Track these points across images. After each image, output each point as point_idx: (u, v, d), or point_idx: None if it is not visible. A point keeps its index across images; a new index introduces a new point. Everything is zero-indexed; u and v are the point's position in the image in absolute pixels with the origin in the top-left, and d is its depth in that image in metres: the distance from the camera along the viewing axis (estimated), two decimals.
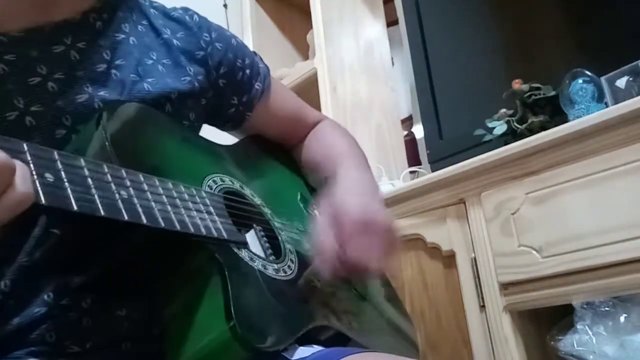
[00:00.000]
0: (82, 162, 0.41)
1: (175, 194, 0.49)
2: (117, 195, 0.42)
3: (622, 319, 0.89)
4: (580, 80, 1.05)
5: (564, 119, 1.04)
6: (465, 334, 1.08)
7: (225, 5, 1.94)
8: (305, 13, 1.90)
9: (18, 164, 0.35)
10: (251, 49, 0.79)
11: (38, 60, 0.54)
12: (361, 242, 0.56)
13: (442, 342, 1.13)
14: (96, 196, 0.40)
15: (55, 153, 0.39)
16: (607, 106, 0.99)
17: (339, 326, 0.59)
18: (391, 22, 1.98)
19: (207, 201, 0.53)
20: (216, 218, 0.52)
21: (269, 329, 0.48)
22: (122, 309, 0.52)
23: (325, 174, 0.71)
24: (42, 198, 0.36)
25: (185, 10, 0.72)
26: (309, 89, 1.70)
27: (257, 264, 0.54)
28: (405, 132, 1.87)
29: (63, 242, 0.49)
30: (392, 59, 1.92)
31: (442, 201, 1.15)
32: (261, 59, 0.80)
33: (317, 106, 1.61)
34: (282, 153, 0.81)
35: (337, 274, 0.56)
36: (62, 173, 0.38)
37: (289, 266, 0.59)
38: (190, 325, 0.47)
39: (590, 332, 0.90)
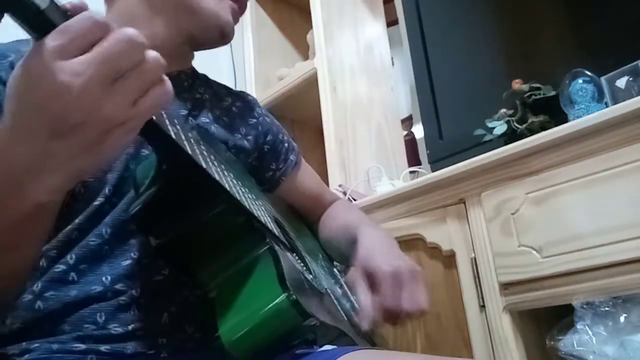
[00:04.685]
0: (188, 134, 0.50)
1: (243, 190, 0.58)
2: (209, 162, 0.51)
3: (622, 319, 0.89)
4: (580, 80, 1.05)
5: (564, 119, 1.04)
6: (465, 334, 1.08)
7: None
8: (305, 13, 1.91)
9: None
10: (251, 49, 0.90)
11: None
12: (395, 291, 0.64)
13: (442, 342, 1.13)
14: (198, 153, 0.48)
15: (174, 118, 0.48)
16: (607, 106, 0.99)
17: (358, 341, 0.65)
18: (391, 22, 1.98)
19: (263, 209, 0.62)
20: (270, 220, 0.60)
21: (311, 304, 0.53)
22: (163, 302, 0.59)
23: (347, 243, 0.79)
24: (173, 135, 0.44)
25: (243, 92, 0.90)
26: (309, 89, 1.70)
27: (298, 267, 0.60)
28: (405, 132, 1.87)
29: (129, 221, 0.57)
30: (392, 59, 1.92)
31: (442, 201, 1.15)
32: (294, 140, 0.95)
33: (317, 106, 1.62)
34: (306, 221, 0.95)
35: (382, 321, 0.64)
36: (179, 127, 0.47)
37: (320, 284, 0.66)
38: (243, 292, 0.51)
39: (590, 332, 0.90)
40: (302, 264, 0.66)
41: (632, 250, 0.86)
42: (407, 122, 1.95)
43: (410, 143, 1.84)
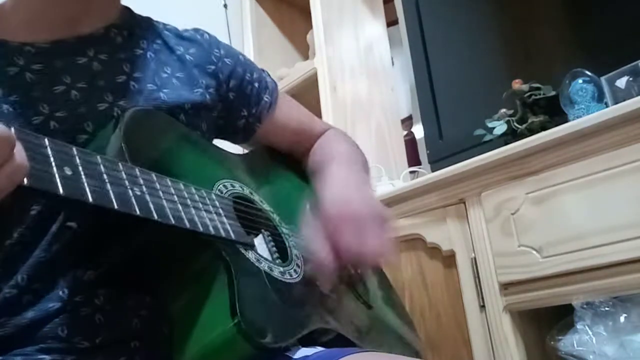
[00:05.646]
0: (99, 159, 0.43)
1: (186, 195, 0.50)
2: (130, 192, 0.43)
3: (622, 319, 0.89)
4: (580, 80, 1.05)
5: (564, 119, 1.04)
6: (465, 334, 1.08)
7: (225, 5, 1.94)
8: (305, 13, 1.90)
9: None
10: (251, 49, 0.82)
11: (63, 70, 0.58)
12: (349, 234, 0.57)
13: (442, 342, 1.13)
14: (110, 191, 0.42)
15: (74, 149, 0.41)
16: (607, 106, 0.99)
17: (341, 329, 0.60)
18: (391, 22, 1.98)
19: (217, 203, 0.55)
20: (225, 220, 0.54)
21: (272, 327, 0.49)
22: (132, 306, 0.53)
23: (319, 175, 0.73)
24: (61, 189, 0.37)
25: (196, 30, 0.75)
26: (309, 89, 1.70)
27: (264, 266, 0.55)
28: (405, 132, 1.87)
29: (78, 237, 0.51)
30: (392, 59, 1.92)
31: (442, 201, 1.15)
32: (269, 74, 0.82)
33: (317, 106, 1.61)
34: (292, 163, 0.83)
35: (337, 272, 0.57)
36: (80, 168, 0.40)
37: (295, 270, 0.61)
38: (196, 322, 0.48)
39: (590, 332, 0.90)
40: (275, 250, 0.61)
41: (632, 250, 0.86)
42: (407, 122, 1.95)
43: (410, 143, 1.84)
